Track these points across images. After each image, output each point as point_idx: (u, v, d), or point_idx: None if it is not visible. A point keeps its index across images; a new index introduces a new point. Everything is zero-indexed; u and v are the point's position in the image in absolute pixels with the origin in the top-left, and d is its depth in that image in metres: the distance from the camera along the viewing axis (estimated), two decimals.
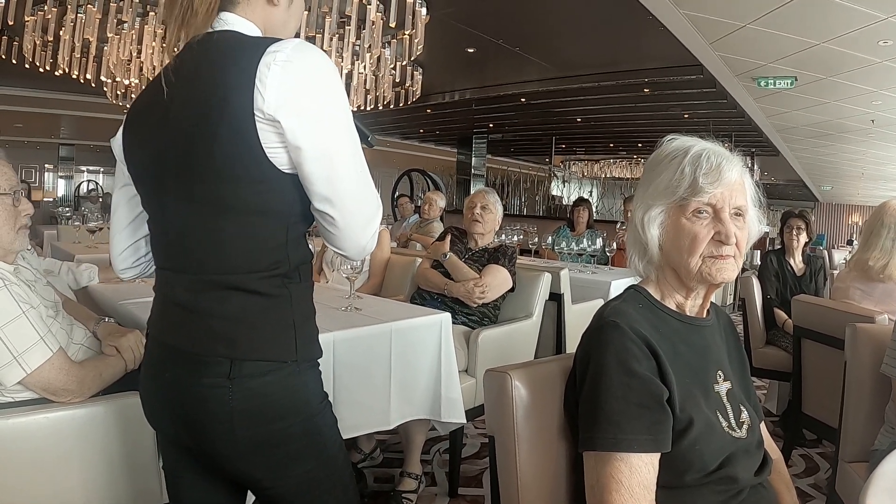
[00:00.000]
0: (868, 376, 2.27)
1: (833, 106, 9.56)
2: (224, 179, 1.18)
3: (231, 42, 1.20)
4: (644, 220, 1.34)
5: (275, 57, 1.14)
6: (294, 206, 1.24)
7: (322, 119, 1.18)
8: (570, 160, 21.87)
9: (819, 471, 3.50)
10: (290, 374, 1.26)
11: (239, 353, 1.21)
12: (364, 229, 1.28)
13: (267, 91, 1.13)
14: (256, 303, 1.23)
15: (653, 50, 7.85)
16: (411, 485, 2.91)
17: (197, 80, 1.19)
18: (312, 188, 1.21)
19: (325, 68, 1.19)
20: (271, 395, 1.23)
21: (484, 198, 3.68)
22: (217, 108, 1.15)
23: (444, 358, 2.61)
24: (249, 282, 1.22)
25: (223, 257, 1.22)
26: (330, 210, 1.22)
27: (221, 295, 1.22)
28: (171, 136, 1.21)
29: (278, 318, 1.25)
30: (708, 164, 1.29)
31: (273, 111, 1.13)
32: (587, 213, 6.18)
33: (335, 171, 1.20)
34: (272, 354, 1.24)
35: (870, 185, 20.35)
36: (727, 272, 1.30)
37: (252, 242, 1.22)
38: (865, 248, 3.21)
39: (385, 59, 6.99)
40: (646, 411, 1.18)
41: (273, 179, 1.19)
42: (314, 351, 1.34)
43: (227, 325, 1.21)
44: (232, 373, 1.20)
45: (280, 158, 1.18)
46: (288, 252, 1.25)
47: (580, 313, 4.09)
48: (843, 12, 5.67)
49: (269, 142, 1.16)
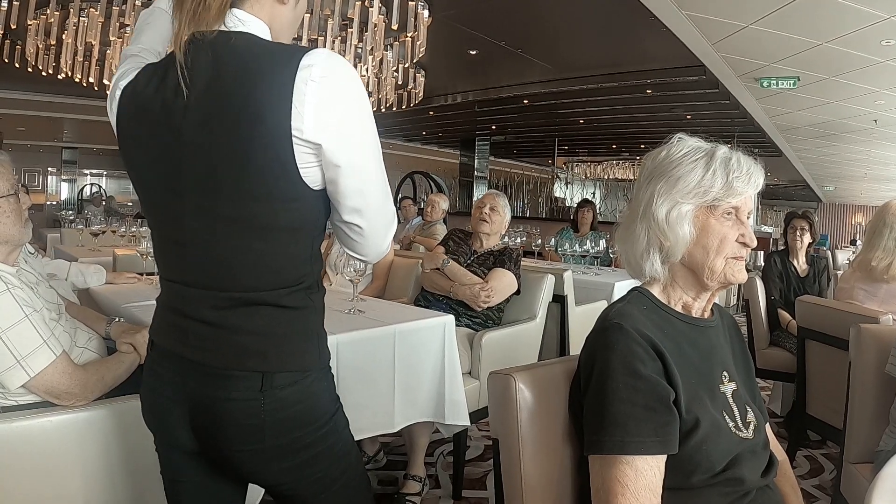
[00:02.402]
0: (872, 377, 2.27)
1: (836, 106, 9.55)
2: (255, 199, 1.16)
3: (256, 50, 1.15)
4: (671, 218, 1.31)
5: (311, 73, 1.10)
6: (319, 221, 1.24)
7: (357, 134, 1.18)
8: (573, 162, 21.86)
9: (824, 472, 3.49)
10: (314, 381, 1.27)
11: (270, 367, 1.21)
12: (385, 235, 1.29)
13: (306, 110, 1.10)
14: (284, 316, 1.23)
15: (655, 51, 7.84)
16: (415, 487, 2.91)
17: (221, 90, 1.13)
18: (344, 201, 1.20)
19: (357, 81, 1.18)
20: (299, 403, 1.24)
21: (494, 199, 3.69)
22: (249, 124, 1.11)
23: (448, 360, 2.61)
24: (279, 297, 1.22)
25: (254, 275, 1.21)
26: (359, 220, 1.23)
27: (250, 311, 1.21)
28: (191, 148, 1.15)
29: (304, 328, 1.27)
30: (740, 168, 1.31)
31: (313, 133, 1.11)
32: (591, 214, 6.17)
33: (367, 182, 1.20)
34: (299, 364, 1.25)
35: (873, 185, 20.34)
36: (743, 273, 1.34)
37: (282, 259, 1.22)
38: (868, 248, 3.21)
39: (387, 62, 6.98)
40: (652, 413, 1.18)
41: (305, 197, 1.17)
42: (328, 355, 1.34)
43: (257, 340, 1.21)
44: (264, 386, 1.20)
45: (314, 177, 1.16)
46: (312, 265, 1.27)
47: (584, 315, 4.09)
48: (846, 12, 5.66)
49: (305, 162, 1.14)
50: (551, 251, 6.08)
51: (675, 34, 6.73)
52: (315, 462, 1.29)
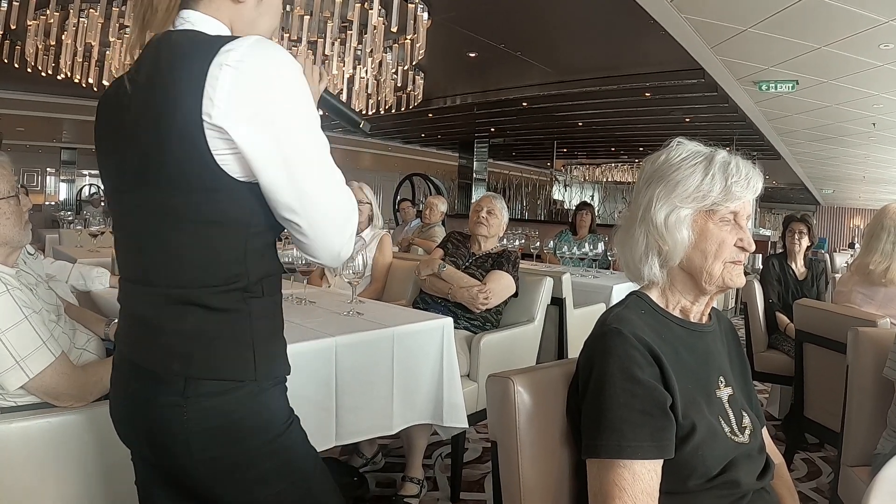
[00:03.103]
0: (870, 380, 2.27)
1: (834, 109, 9.57)
2: (176, 189, 1.12)
3: (186, 41, 1.13)
4: (670, 222, 1.32)
5: (227, 57, 1.07)
6: (255, 216, 1.17)
7: (281, 122, 1.10)
8: (572, 164, 21.86)
9: (821, 475, 3.49)
10: (250, 394, 1.18)
11: (194, 371, 1.15)
12: (336, 236, 1.19)
13: (217, 95, 1.06)
14: (213, 319, 1.16)
15: (654, 54, 7.86)
16: (413, 489, 2.91)
17: (150, 84, 1.14)
18: (274, 197, 1.14)
19: (283, 67, 1.12)
20: (230, 416, 1.17)
21: (491, 202, 3.70)
22: (168, 113, 1.09)
23: (446, 363, 2.61)
24: (205, 296, 1.15)
25: (178, 270, 1.16)
26: (296, 219, 1.15)
27: (178, 310, 1.16)
28: (129, 142, 1.17)
29: (236, 335, 1.18)
30: (739, 173, 1.31)
31: (221, 118, 1.06)
32: (590, 217, 6.18)
33: (297, 178, 1.12)
34: (229, 373, 1.17)
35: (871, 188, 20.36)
36: (741, 277, 1.35)
37: (208, 255, 1.16)
38: (866, 251, 3.21)
39: (387, 64, 7.00)
40: (649, 418, 1.18)
41: (228, 188, 1.12)
42: (278, 369, 1.26)
43: (182, 342, 1.15)
44: (187, 391, 1.14)
45: (232, 167, 1.11)
46: (247, 265, 1.18)
47: (582, 318, 4.09)
48: (844, 16, 5.68)
49: (219, 149, 1.09)
50: (550, 254, 6.08)
51: (674, 37, 6.74)
52: (265, 483, 1.23)
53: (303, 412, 2.07)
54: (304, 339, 2.16)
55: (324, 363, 2.17)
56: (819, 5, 5.51)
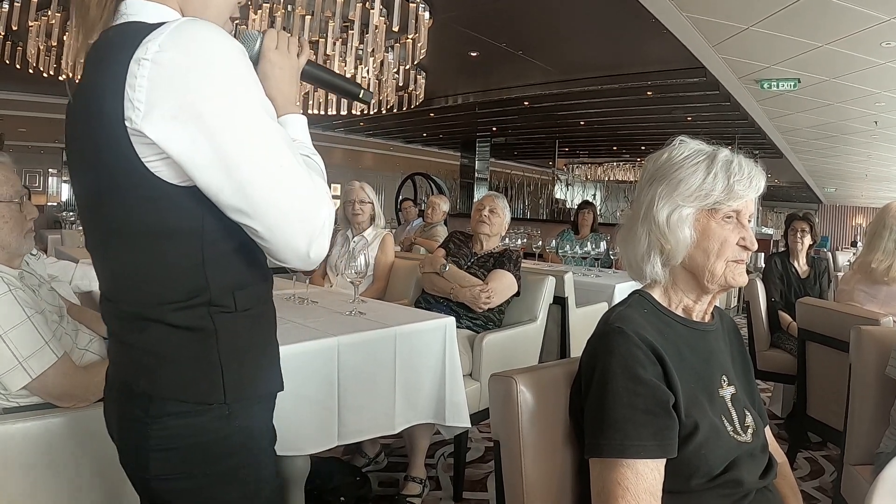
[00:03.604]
0: (873, 379, 2.27)
1: (836, 108, 9.55)
2: (116, 202, 1.04)
3: (116, 37, 1.01)
4: (672, 221, 1.32)
5: (146, 49, 0.94)
6: (206, 222, 1.05)
7: (206, 118, 0.96)
8: (574, 163, 21.85)
9: (824, 474, 3.49)
10: (219, 418, 1.09)
11: (157, 390, 1.07)
12: (299, 236, 1.05)
13: (136, 96, 0.94)
14: (174, 337, 1.07)
15: (656, 53, 7.84)
16: (416, 489, 2.91)
17: (82, 91, 1.06)
18: (217, 200, 1.01)
19: (209, 48, 0.97)
20: (194, 440, 1.08)
21: (493, 201, 3.70)
22: (95, 119, 1.00)
23: (449, 362, 2.61)
24: (165, 314, 1.06)
25: (134, 288, 1.08)
26: (248, 222, 1.02)
27: (141, 326, 1.07)
28: (76, 156, 1.10)
29: (200, 355, 1.08)
30: (741, 171, 1.31)
31: (140, 122, 0.95)
32: (592, 216, 6.17)
33: (239, 178, 0.99)
34: (192, 395, 1.07)
35: (873, 186, 20.33)
36: (744, 276, 1.35)
37: (161, 269, 1.06)
38: (868, 250, 3.21)
39: (388, 64, 6.99)
40: (652, 417, 1.18)
41: (169, 196, 1.01)
42: (257, 388, 1.16)
43: (147, 358, 1.08)
44: (151, 410, 1.07)
45: (167, 172, 1.00)
46: (208, 277, 1.07)
47: (584, 317, 4.10)
48: (846, 14, 5.67)
49: (148, 156, 0.98)
50: (552, 253, 6.08)
51: (676, 36, 6.73)
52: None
53: (305, 412, 2.10)
54: (307, 338, 2.16)
55: (326, 363, 2.17)
56: (821, 3, 5.50)
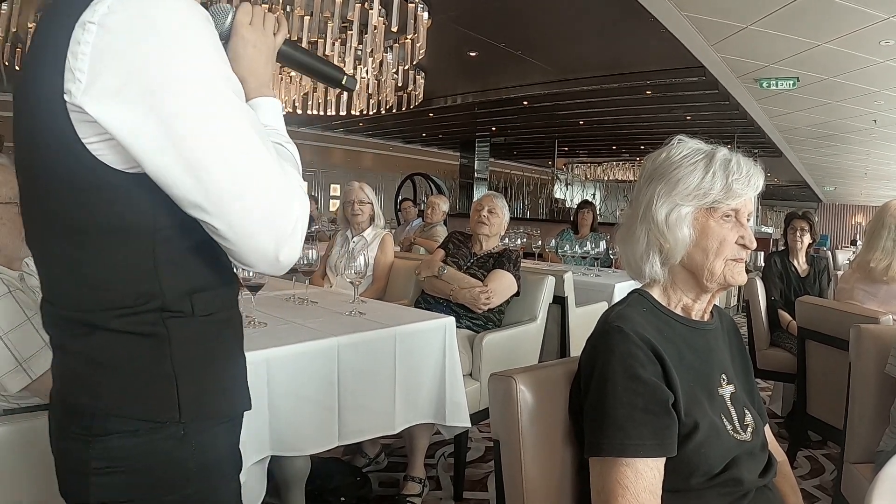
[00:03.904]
0: (873, 377, 2.27)
1: (835, 106, 9.56)
2: (53, 191, 0.91)
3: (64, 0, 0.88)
4: (670, 220, 1.32)
5: (93, 12, 0.82)
6: (159, 216, 0.92)
7: (158, 94, 0.83)
8: (573, 163, 21.84)
9: (824, 472, 3.49)
10: (171, 440, 0.96)
11: (102, 406, 0.94)
12: (267, 238, 0.92)
13: (78, 65, 0.82)
14: (121, 346, 0.94)
15: (655, 52, 7.84)
16: (416, 489, 2.91)
17: (27, 58, 0.94)
18: (171, 192, 0.88)
19: (167, 14, 0.84)
20: (142, 463, 0.95)
21: (492, 201, 3.70)
22: (32, 97, 0.88)
23: (449, 362, 2.61)
24: (111, 320, 0.93)
25: (76, 291, 0.95)
26: (207, 219, 0.89)
27: (82, 335, 0.95)
28: (17, 133, 0.96)
29: (148, 364, 0.95)
30: (740, 170, 1.31)
31: (81, 96, 0.82)
32: (591, 215, 6.17)
33: (198, 167, 0.85)
34: (142, 412, 0.94)
35: (873, 185, 20.34)
36: (743, 275, 1.34)
37: (107, 271, 0.93)
38: (868, 249, 3.21)
39: (387, 64, 6.99)
40: (651, 416, 1.18)
41: (114, 185, 0.88)
42: (218, 406, 1.02)
43: (89, 372, 0.95)
44: (94, 428, 0.93)
45: (111, 157, 0.87)
46: (160, 279, 0.94)
47: (584, 316, 4.10)
48: (845, 13, 5.67)
49: (89, 136, 0.85)
50: (551, 253, 6.08)
51: (675, 35, 6.73)
52: None
53: (305, 412, 2.10)
54: (307, 339, 2.16)
55: (326, 363, 2.17)
56: (820, 2, 5.50)
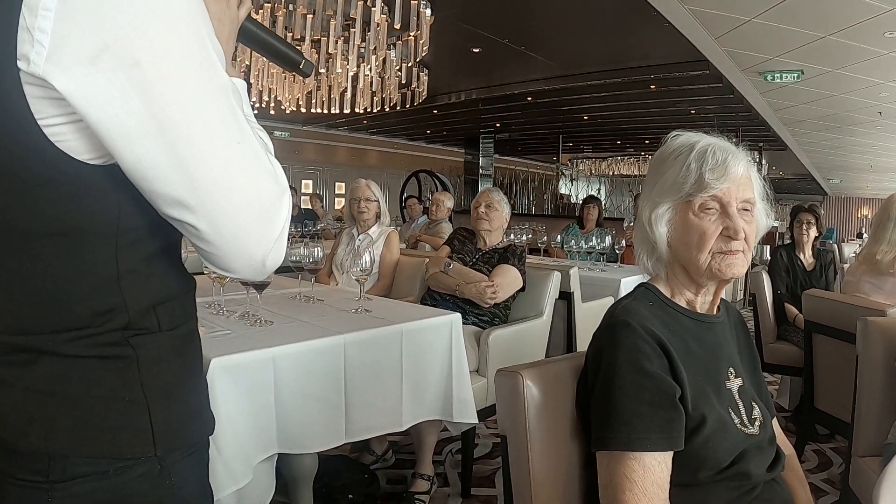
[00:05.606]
0: (880, 370, 2.26)
1: (840, 98, 9.54)
2: (3, 185, 0.74)
3: None
4: (651, 219, 1.33)
5: None
6: (123, 216, 0.78)
7: (144, 64, 0.68)
8: (578, 158, 21.84)
9: (832, 466, 3.49)
10: (147, 478, 0.82)
11: (60, 447, 0.77)
12: (255, 241, 0.78)
13: (38, 21, 0.65)
14: (77, 371, 0.78)
15: (658, 46, 7.84)
16: (424, 486, 2.92)
17: None
18: (149, 187, 0.73)
19: None
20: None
21: (489, 196, 3.69)
22: None
23: (455, 358, 2.61)
24: (63, 345, 0.77)
25: (18, 311, 0.78)
26: (189, 219, 0.75)
27: (27, 362, 0.77)
28: None
29: (114, 392, 0.80)
30: (714, 159, 1.28)
31: (43, 63, 0.66)
32: (597, 210, 6.17)
33: (185, 155, 0.71)
34: (110, 449, 0.79)
35: (878, 177, 20.29)
36: (736, 267, 1.30)
37: (55, 284, 0.77)
38: (873, 241, 3.21)
39: (391, 61, 6.99)
40: (658, 410, 1.18)
41: (73, 178, 0.73)
42: (193, 432, 0.88)
43: (39, 405, 0.78)
44: (52, 473, 0.77)
45: (73, 143, 0.72)
46: (124, 292, 0.79)
47: (590, 311, 4.09)
48: (849, 4, 5.66)
49: (48, 116, 0.69)
50: (557, 248, 6.08)
51: (678, 29, 6.73)
52: None
53: (312, 410, 2.11)
54: (313, 336, 2.17)
55: (333, 360, 2.18)
56: None
